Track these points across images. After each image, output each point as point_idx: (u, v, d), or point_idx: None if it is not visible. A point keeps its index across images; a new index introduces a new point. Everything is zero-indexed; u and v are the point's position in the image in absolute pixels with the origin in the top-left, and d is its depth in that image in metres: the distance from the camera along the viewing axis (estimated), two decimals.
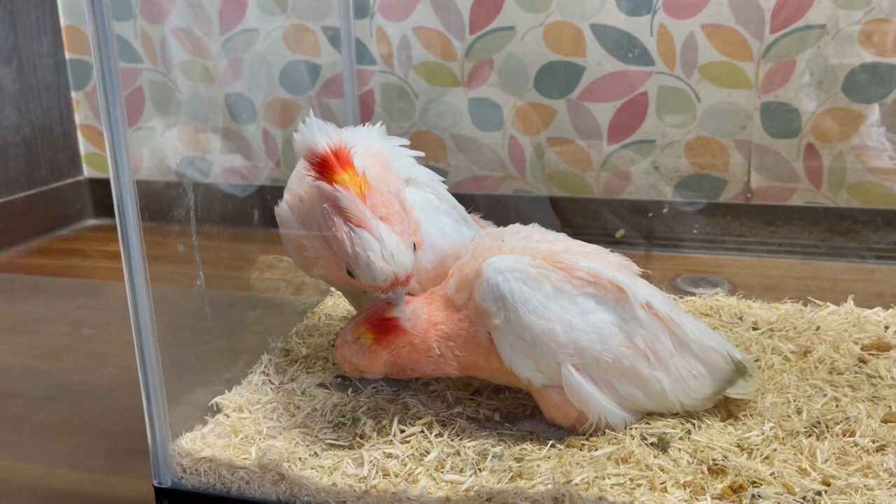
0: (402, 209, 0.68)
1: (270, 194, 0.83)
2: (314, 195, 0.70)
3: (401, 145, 0.81)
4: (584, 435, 0.69)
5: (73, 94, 1.60)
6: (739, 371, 0.71)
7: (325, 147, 0.65)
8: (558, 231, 0.87)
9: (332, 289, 1.05)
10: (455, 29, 1.34)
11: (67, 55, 1.57)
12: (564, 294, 0.66)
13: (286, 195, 0.77)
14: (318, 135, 0.66)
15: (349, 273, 0.68)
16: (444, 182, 0.83)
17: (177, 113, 1.52)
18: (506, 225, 0.79)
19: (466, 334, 0.68)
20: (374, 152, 0.74)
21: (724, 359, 0.70)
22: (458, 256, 0.75)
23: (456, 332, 0.68)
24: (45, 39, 1.52)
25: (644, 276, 0.73)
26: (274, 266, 1.10)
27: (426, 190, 0.80)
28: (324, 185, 0.65)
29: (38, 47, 1.51)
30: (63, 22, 1.55)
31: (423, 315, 0.69)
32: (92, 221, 1.63)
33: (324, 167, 0.66)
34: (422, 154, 0.82)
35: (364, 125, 0.83)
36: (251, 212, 1.21)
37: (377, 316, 0.70)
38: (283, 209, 0.77)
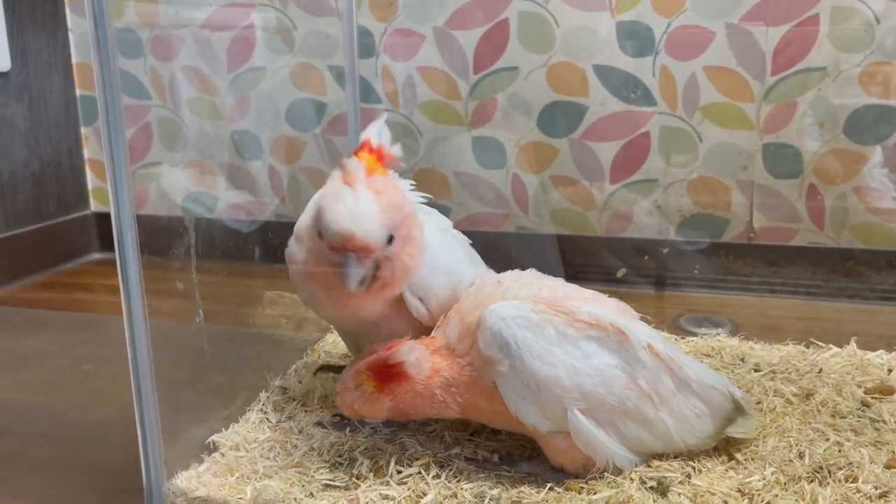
0: (404, 213, 0.69)
1: (274, 230, 0.84)
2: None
3: (410, 187, 0.82)
4: (584, 478, 0.68)
5: (83, 130, 1.62)
6: (738, 409, 0.71)
7: (371, 140, 0.70)
8: (559, 269, 0.87)
9: (332, 326, 1.05)
10: (459, 69, 1.35)
11: (78, 92, 1.60)
12: (567, 338, 0.66)
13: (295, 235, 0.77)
14: (373, 132, 0.71)
15: (319, 235, 0.67)
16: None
17: (184, 149, 1.54)
18: (509, 262, 0.80)
19: (469, 379, 0.67)
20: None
21: (723, 396, 0.71)
22: (469, 285, 0.75)
23: (458, 377, 0.68)
24: (56, 76, 1.54)
25: (647, 316, 0.73)
26: (275, 302, 1.10)
27: (435, 219, 0.81)
28: (353, 156, 0.69)
29: (50, 84, 1.53)
30: (74, 59, 1.58)
31: (426, 362, 0.68)
32: (97, 255, 1.63)
33: (362, 147, 0.70)
34: (430, 196, 0.83)
35: None
36: (254, 247, 1.22)
37: (380, 363, 0.68)
38: (292, 247, 0.76)
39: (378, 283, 0.70)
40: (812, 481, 0.66)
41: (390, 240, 0.68)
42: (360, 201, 0.65)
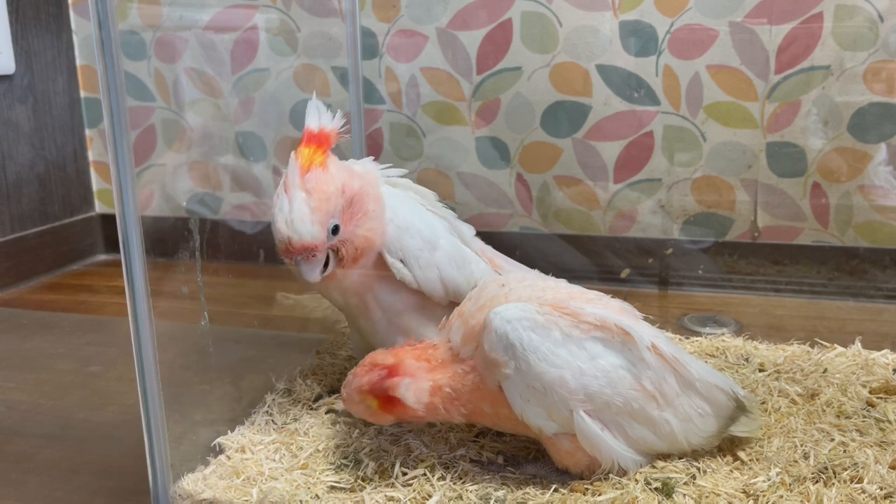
0: (347, 197, 0.73)
1: None
2: None
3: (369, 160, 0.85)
4: (589, 479, 0.68)
5: (87, 132, 1.63)
6: (741, 408, 0.71)
7: (312, 126, 0.75)
8: (562, 269, 0.87)
9: (338, 327, 1.05)
10: (463, 69, 1.35)
11: (82, 94, 1.60)
12: (573, 340, 0.66)
13: None
14: (312, 115, 0.76)
15: None
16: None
17: (188, 151, 1.54)
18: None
19: (472, 385, 0.67)
20: (362, 172, 0.79)
21: (726, 395, 0.71)
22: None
23: (462, 387, 0.67)
24: (60, 78, 1.55)
25: (651, 315, 0.74)
26: (280, 303, 1.10)
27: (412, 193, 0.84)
28: (293, 153, 0.74)
29: (54, 86, 1.54)
30: (79, 62, 1.58)
31: (425, 384, 0.67)
32: (102, 257, 1.64)
33: (303, 139, 0.75)
34: (404, 172, 0.86)
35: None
36: (259, 249, 1.22)
37: (381, 388, 0.67)
38: None
39: (344, 261, 0.76)
40: (817, 482, 0.66)
41: (336, 229, 0.73)
42: (294, 207, 0.71)
